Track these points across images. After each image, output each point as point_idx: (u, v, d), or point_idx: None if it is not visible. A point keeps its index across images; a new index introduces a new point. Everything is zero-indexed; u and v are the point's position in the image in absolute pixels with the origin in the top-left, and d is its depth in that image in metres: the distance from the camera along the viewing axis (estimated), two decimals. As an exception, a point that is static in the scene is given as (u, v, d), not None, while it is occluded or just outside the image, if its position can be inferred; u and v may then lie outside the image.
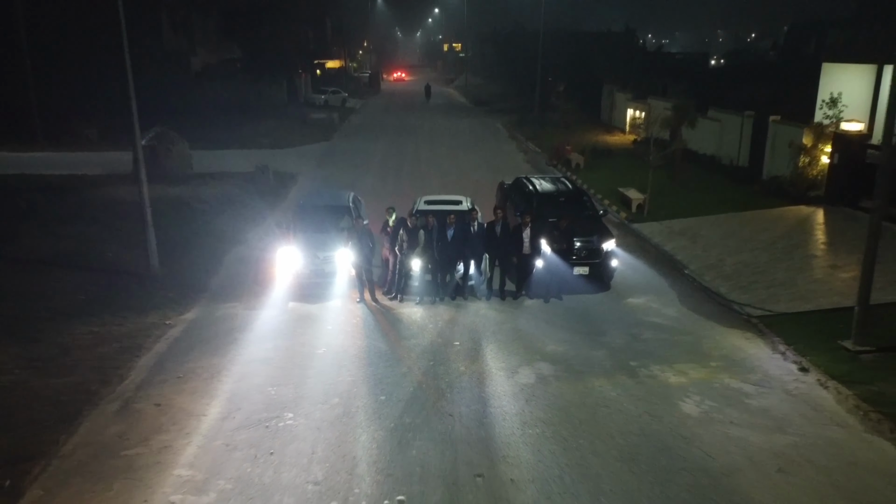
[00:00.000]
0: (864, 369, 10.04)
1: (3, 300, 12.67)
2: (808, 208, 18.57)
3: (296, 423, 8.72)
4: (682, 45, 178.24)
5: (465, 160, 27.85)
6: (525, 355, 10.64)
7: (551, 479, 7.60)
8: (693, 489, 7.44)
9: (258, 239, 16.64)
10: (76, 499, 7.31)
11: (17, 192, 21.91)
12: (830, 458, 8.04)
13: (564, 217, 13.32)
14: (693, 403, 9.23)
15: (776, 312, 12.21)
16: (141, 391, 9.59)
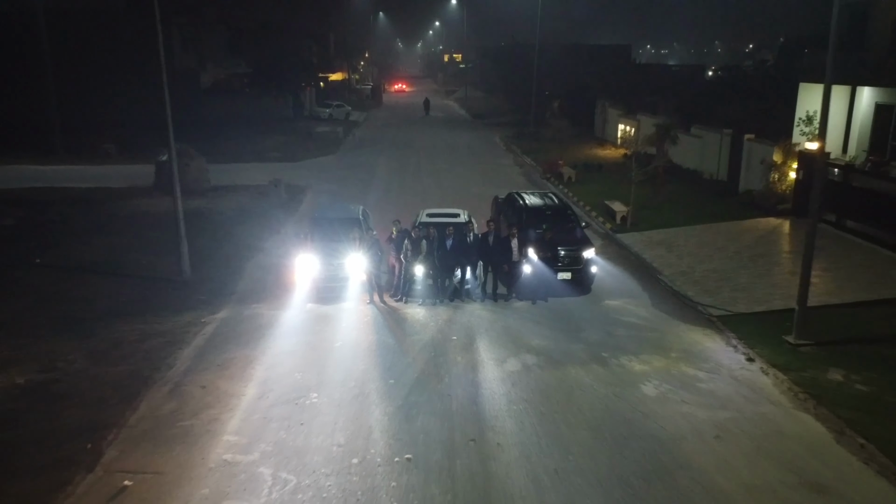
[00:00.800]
0: (800, 359, 11.84)
1: (56, 303, 14.52)
2: (777, 220, 20.42)
3: (320, 401, 10.52)
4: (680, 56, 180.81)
5: (464, 174, 29.73)
6: (513, 348, 12.45)
7: (530, 443, 9.39)
8: (645, 452, 9.22)
9: (276, 247, 18.47)
10: (145, 458, 9.09)
11: (49, 204, 23.83)
12: (761, 429, 9.82)
13: (550, 228, 15.16)
14: (652, 387, 11.02)
15: (734, 312, 14.01)
16: (187, 377, 11.39)
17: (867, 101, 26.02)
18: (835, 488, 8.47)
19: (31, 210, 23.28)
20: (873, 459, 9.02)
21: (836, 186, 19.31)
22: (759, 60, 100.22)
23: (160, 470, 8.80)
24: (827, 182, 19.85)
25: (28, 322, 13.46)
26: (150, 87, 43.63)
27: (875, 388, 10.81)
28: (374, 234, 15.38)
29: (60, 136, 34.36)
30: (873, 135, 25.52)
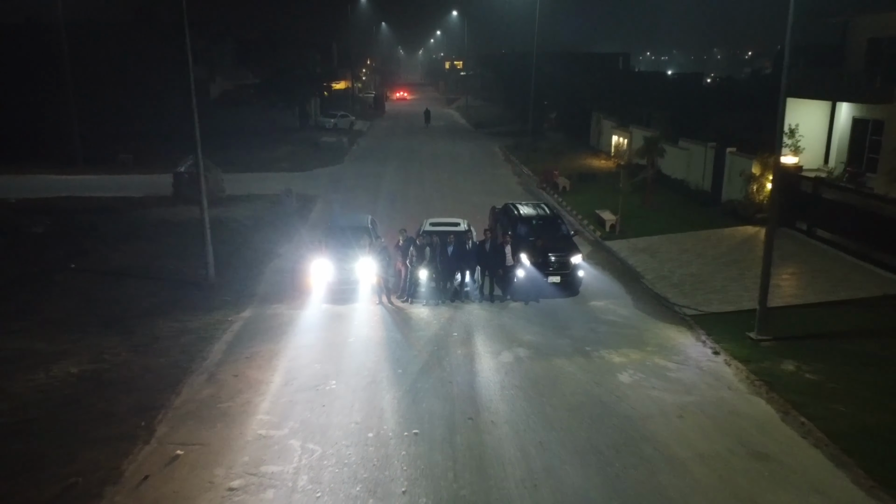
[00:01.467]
0: (760, 352, 13.47)
1: (98, 303, 16.20)
2: (754, 228, 22.07)
3: (338, 388, 12.16)
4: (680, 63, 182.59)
5: (465, 184, 31.42)
6: (506, 343, 14.10)
7: (519, 421, 11.03)
8: (616, 428, 10.85)
9: (291, 253, 20.14)
10: (192, 433, 10.73)
11: (75, 213, 25.51)
12: (718, 410, 11.45)
13: (541, 236, 16.82)
14: (628, 375, 12.66)
15: (706, 312, 15.66)
16: (220, 367, 13.03)
17: (845, 115, 27.73)
18: (775, 456, 10.09)
19: (60, 218, 24.94)
20: (810, 434, 10.65)
21: (807, 198, 20.96)
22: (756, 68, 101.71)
23: (205, 442, 10.44)
24: (799, 194, 21.60)
25: (76, 320, 15.13)
26: (162, 98, 45.83)
27: (821, 377, 12.44)
28: (382, 241, 17.07)
29: (80, 146, 36.04)
30: (851, 147, 27.23)
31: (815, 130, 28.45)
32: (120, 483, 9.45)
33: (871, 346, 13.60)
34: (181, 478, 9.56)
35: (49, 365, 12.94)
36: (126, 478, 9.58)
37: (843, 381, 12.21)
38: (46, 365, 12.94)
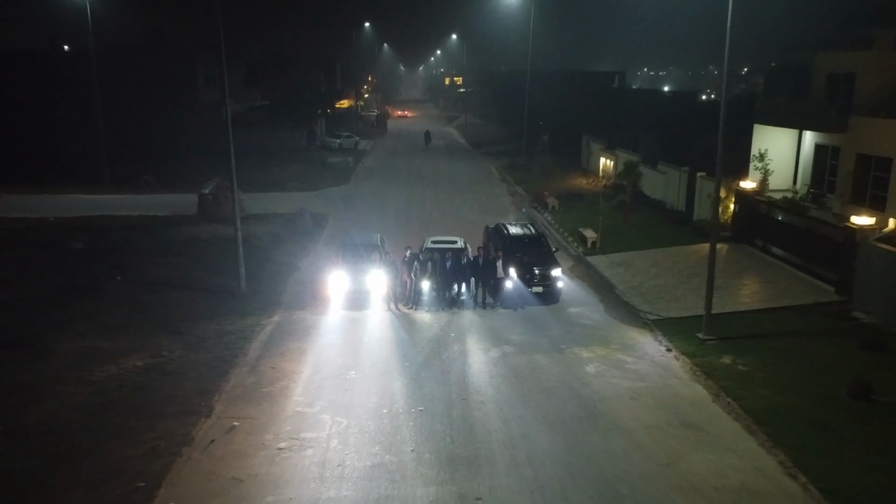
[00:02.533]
0: (704, 349, 16.40)
1: (149, 310, 19.12)
2: (719, 245, 24.95)
3: (357, 377, 15.07)
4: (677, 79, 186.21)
5: (463, 203, 34.45)
6: (495, 341, 17.03)
7: (503, 401, 13.94)
8: (580, 406, 13.75)
9: (309, 266, 23.11)
10: (243, 410, 13.61)
11: (110, 230, 28.46)
12: (663, 393, 14.36)
13: (527, 253, 19.79)
14: (593, 367, 15.58)
15: (665, 317, 18.58)
16: (259, 361, 15.95)
17: (809, 142, 30.79)
18: (702, 426, 12.99)
19: (97, 235, 27.87)
20: (733, 411, 13.55)
21: (762, 218, 23.95)
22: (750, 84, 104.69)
23: (255, 416, 13.35)
24: (756, 214, 24.60)
25: (132, 323, 18.05)
26: (176, 120, 49.22)
27: (750, 368, 15.35)
28: (390, 256, 20.04)
29: (108, 167, 39.01)
30: (814, 171, 30.22)
31: (784, 154, 31.45)
32: (192, 445, 12.34)
33: (795, 344, 16.53)
34: (239, 441, 12.46)
35: (118, 359, 15.86)
36: (196, 441, 12.47)
37: (767, 372, 15.13)
38: (116, 359, 15.86)
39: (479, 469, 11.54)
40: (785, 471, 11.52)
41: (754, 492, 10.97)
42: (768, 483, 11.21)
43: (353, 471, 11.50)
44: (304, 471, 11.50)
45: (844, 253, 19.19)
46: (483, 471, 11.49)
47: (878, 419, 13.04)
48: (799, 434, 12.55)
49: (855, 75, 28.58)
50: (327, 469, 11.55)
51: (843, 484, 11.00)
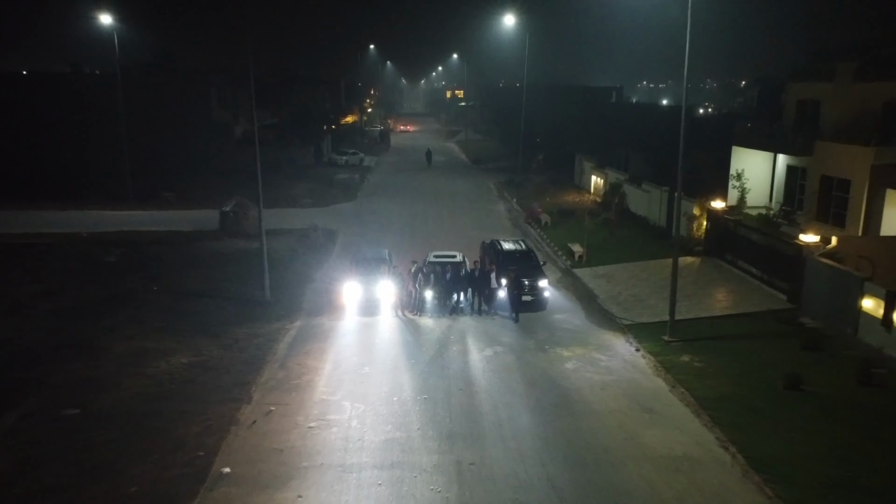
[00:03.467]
0: (667, 349, 19.26)
1: (183, 315, 22.03)
2: (693, 258, 27.93)
3: (370, 371, 17.94)
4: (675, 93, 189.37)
5: (462, 219, 37.41)
6: (489, 342, 19.91)
7: (494, 391, 16.81)
8: (558, 395, 16.61)
9: (324, 278, 26.02)
10: (277, 398, 16.47)
11: (139, 245, 31.40)
12: (629, 385, 17.21)
13: (517, 266, 22.70)
14: (571, 364, 18.45)
15: (638, 322, 21.45)
16: (286, 359, 18.83)
17: (782, 163, 33.75)
18: (657, 410, 15.84)
19: (127, 249, 30.86)
20: (685, 399, 16.39)
21: (730, 235, 26.85)
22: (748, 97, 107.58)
23: (287, 403, 16.22)
24: (725, 231, 27.50)
25: (173, 327, 20.95)
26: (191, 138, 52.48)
27: (705, 365, 18.21)
28: (397, 269, 22.96)
29: (132, 185, 41.89)
30: (786, 189, 33.17)
31: (761, 174, 34.43)
32: (238, 425, 15.21)
33: (746, 344, 19.40)
34: (276, 422, 15.33)
35: (167, 358, 18.76)
36: (241, 422, 15.34)
37: (718, 367, 17.99)
38: (165, 357, 18.76)
39: (472, 443, 14.40)
40: (720, 444, 14.36)
41: (693, 459, 13.80)
42: (705, 453, 14.05)
43: (371, 444, 14.36)
44: (331, 444, 14.37)
45: (795, 267, 22.08)
46: (476, 444, 14.34)
47: (803, 405, 15.89)
48: (736, 416, 15.40)
49: (820, 103, 31.65)
50: (350, 443, 14.42)
51: (765, 454, 13.83)
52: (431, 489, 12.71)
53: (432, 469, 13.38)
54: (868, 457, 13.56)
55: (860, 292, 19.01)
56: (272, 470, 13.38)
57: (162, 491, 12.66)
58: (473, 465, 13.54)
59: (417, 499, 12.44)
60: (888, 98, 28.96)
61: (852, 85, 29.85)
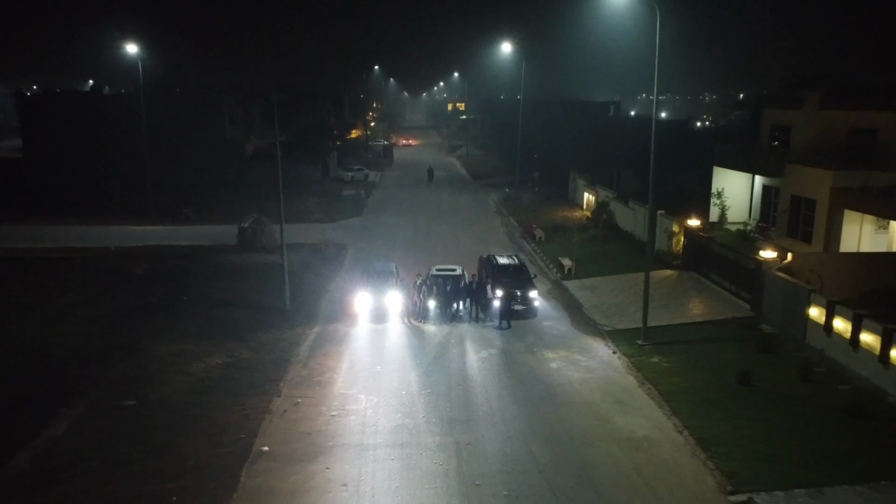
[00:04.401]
0: (640, 351, 22.20)
1: (214, 322, 24.99)
2: (671, 271, 30.88)
3: (382, 370, 20.91)
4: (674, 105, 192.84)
5: (462, 234, 40.45)
6: (484, 346, 22.88)
7: (487, 385, 19.77)
8: (542, 389, 19.55)
9: (337, 289, 29.01)
10: (302, 392, 19.43)
11: (165, 258, 34.40)
12: (604, 381, 20.16)
13: (510, 278, 25.68)
14: (556, 363, 21.40)
15: (617, 328, 24.39)
16: (308, 359, 21.80)
17: (758, 182, 36.77)
18: (627, 402, 18.78)
19: (154, 262, 33.86)
20: (651, 393, 19.31)
21: (704, 250, 29.82)
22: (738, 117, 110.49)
23: (312, 396, 19.17)
24: (700, 247, 30.47)
25: (205, 333, 23.92)
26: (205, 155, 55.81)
27: (672, 365, 21.14)
28: (403, 281, 25.96)
29: (153, 201, 44.93)
30: (762, 207, 36.18)
31: (741, 192, 37.46)
32: (271, 413, 18.15)
33: (710, 348, 22.35)
34: (303, 411, 18.27)
35: (204, 359, 21.72)
36: (273, 411, 18.28)
37: (683, 367, 20.91)
38: (202, 358, 21.72)
39: (468, 427, 17.34)
40: (676, 429, 17.28)
41: (652, 440, 16.72)
42: (663, 436, 16.97)
43: (384, 428, 17.31)
44: (350, 428, 17.32)
45: (756, 279, 25.03)
46: (471, 428, 17.28)
47: (751, 398, 18.80)
48: (693, 407, 18.32)
49: (791, 128, 34.74)
50: (366, 427, 17.37)
51: (712, 436, 16.73)
52: (434, 463, 15.65)
53: (435, 448, 16.32)
54: (795, 437, 16.48)
55: (808, 302, 21.96)
56: (303, 448, 16.33)
57: (215, 464, 15.61)
58: (469, 444, 16.47)
59: (423, 470, 15.37)
60: (852, 125, 32.06)
61: (819, 112, 32.90)
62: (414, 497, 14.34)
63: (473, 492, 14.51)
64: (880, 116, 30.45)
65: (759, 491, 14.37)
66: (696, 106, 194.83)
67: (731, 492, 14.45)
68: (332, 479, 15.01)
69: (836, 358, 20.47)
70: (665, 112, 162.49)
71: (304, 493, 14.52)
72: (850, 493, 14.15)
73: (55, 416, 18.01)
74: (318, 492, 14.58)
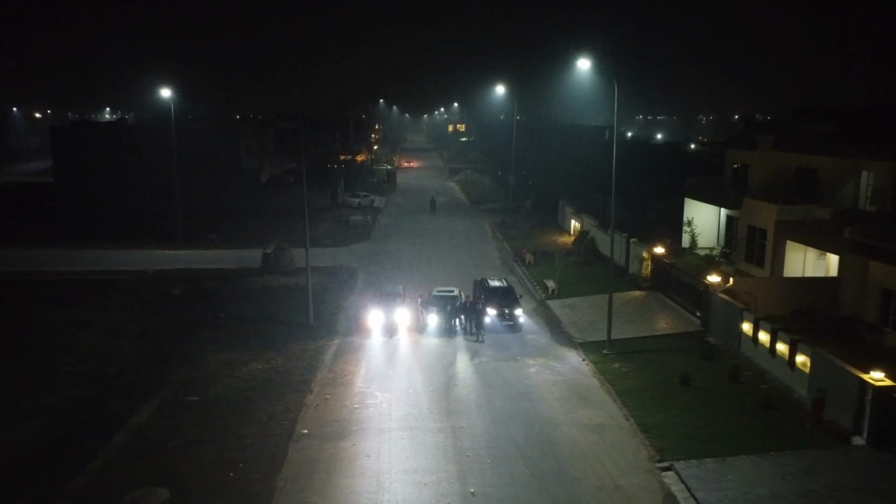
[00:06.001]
0: (605, 359, 27.40)
1: (250, 336, 30.20)
2: (640, 292, 36.11)
3: (393, 373, 26.12)
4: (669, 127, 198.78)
5: (460, 258, 45.79)
6: (477, 354, 28.09)
7: (478, 385, 24.98)
8: (521, 388, 24.74)
9: (352, 307, 34.24)
10: (330, 390, 24.61)
11: (198, 281, 39.65)
12: (573, 382, 25.35)
13: (499, 298, 30.93)
14: (534, 369, 26.60)
15: (588, 340, 29.57)
16: (332, 365, 27.00)
17: (724, 213, 42.11)
18: (589, 398, 23.96)
19: (189, 284, 39.13)
20: (609, 391, 24.48)
21: (666, 273, 35.07)
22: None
23: (337, 393, 24.37)
24: (664, 271, 35.73)
25: (245, 344, 29.14)
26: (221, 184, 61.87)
27: (629, 369, 26.32)
28: (408, 300, 31.24)
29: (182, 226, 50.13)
30: (727, 235, 41.51)
31: (710, 221, 42.84)
32: (306, 406, 23.32)
33: (662, 356, 27.54)
34: (332, 404, 23.44)
35: (247, 365, 26.92)
36: (307, 404, 23.44)
37: (638, 372, 26.08)
38: (246, 365, 26.92)
39: (462, 416, 22.49)
40: (624, 417, 22.42)
41: (605, 426, 21.85)
42: (613, 422, 22.11)
43: (396, 416, 22.46)
44: (370, 417, 22.48)
45: (704, 300, 30.26)
46: (464, 416, 22.43)
47: (688, 395, 23.96)
48: (640, 401, 23.46)
49: (748, 167, 40.18)
50: (382, 416, 22.53)
51: (651, 423, 21.85)
52: (435, 441, 20.81)
53: (436, 430, 21.49)
54: (714, 424, 21.63)
55: (741, 319, 27.17)
56: (334, 431, 21.49)
57: (268, 442, 20.75)
58: (462, 428, 21.64)
59: (427, 446, 20.51)
60: (800, 165, 37.45)
61: (771, 153, 38.36)
62: (420, 464, 19.48)
63: (465, 460, 19.66)
64: (820, 159, 35.79)
65: (679, 460, 19.51)
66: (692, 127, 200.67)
67: (659, 461, 19.60)
68: (358, 452, 20.17)
69: (760, 363, 25.68)
70: (661, 133, 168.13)
71: (337, 462, 19.66)
72: (745, 461, 19.29)
73: (136, 409, 23.18)
74: (348, 461, 19.73)
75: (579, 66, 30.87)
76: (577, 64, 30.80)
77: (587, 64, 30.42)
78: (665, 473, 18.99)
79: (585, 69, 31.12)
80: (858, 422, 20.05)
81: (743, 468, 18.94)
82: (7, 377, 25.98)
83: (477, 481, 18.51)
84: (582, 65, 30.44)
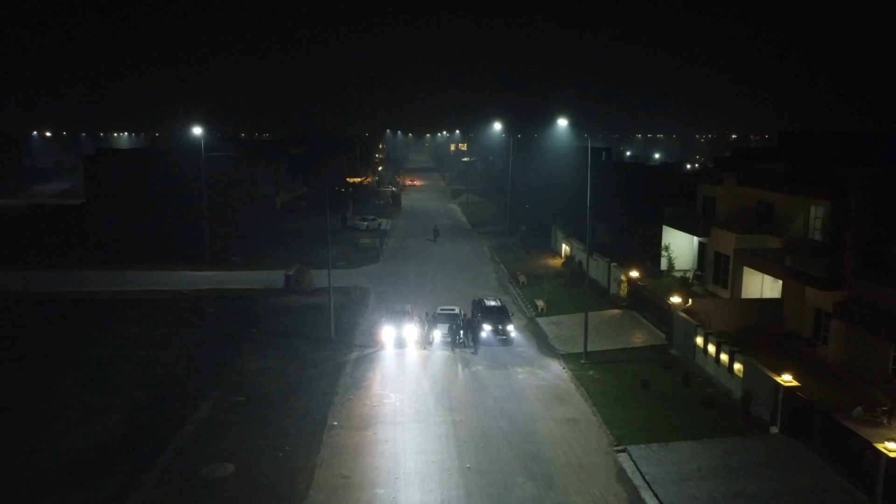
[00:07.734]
0: (581, 367, 33.07)
1: (280, 348, 35.92)
2: (619, 310, 41.79)
3: (404, 379, 31.81)
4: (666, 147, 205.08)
5: (461, 279, 51.57)
6: (474, 364, 33.78)
7: (474, 388, 30.68)
8: (510, 391, 30.41)
9: (365, 323, 39.97)
10: (352, 393, 30.27)
11: (228, 300, 45.40)
12: (553, 386, 31.02)
13: (494, 315, 36.64)
14: (522, 375, 32.28)
15: (570, 352, 35.23)
16: (353, 372, 32.70)
17: (696, 240, 47.84)
18: (565, 399, 29.63)
19: (220, 303, 44.89)
20: (582, 393, 30.14)
21: (640, 294, 40.77)
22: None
23: (359, 394, 30.06)
24: (638, 292, 41.43)
25: (278, 354, 34.86)
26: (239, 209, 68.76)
27: (600, 376, 31.98)
28: (415, 317, 36.99)
29: (209, 248, 55.94)
30: (700, 259, 47.24)
31: (686, 246, 48.56)
32: (334, 404, 28.99)
33: (630, 365, 33.20)
34: (355, 403, 29.12)
35: (282, 371, 32.62)
36: (335, 403, 29.13)
37: (608, 378, 31.73)
38: (281, 371, 32.62)
39: (461, 412, 28.15)
40: (593, 414, 28.08)
41: (576, 420, 27.50)
42: (583, 417, 27.77)
43: (407, 413, 28.13)
44: (386, 413, 28.15)
45: (668, 317, 35.95)
46: (463, 412, 28.09)
47: (647, 396, 29.60)
48: (607, 401, 29.10)
49: (716, 200, 45.95)
50: (397, 412, 28.21)
51: (614, 417, 27.48)
52: (439, 430, 26.48)
53: (440, 422, 27.17)
54: (664, 418, 27.28)
55: (695, 334, 32.86)
56: (358, 423, 27.17)
57: (306, 431, 26.42)
58: (461, 421, 27.31)
59: (433, 434, 26.18)
60: (759, 199, 43.18)
61: (735, 188, 44.11)
62: (427, 447, 25.15)
63: (463, 445, 25.33)
64: (775, 195, 41.48)
65: (632, 445, 25.16)
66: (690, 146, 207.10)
67: (616, 445, 25.27)
68: (378, 439, 25.85)
69: (709, 371, 31.35)
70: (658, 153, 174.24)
71: (363, 446, 25.35)
72: (683, 445, 24.94)
73: (195, 407, 28.86)
74: (371, 445, 25.41)
75: (560, 123, 36.55)
76: (559, 120, 36.49)
77: (565, 122, 36.17)
78: (620, 455, 24.66)
79: (566, 123, 36.73)
80: (774, 414, 25.69)
81: (680, 450, 24.60)
82: (78, 383, 31.67)
83: (472, 460, 24.19)
84: (561, 123, 36.18)
